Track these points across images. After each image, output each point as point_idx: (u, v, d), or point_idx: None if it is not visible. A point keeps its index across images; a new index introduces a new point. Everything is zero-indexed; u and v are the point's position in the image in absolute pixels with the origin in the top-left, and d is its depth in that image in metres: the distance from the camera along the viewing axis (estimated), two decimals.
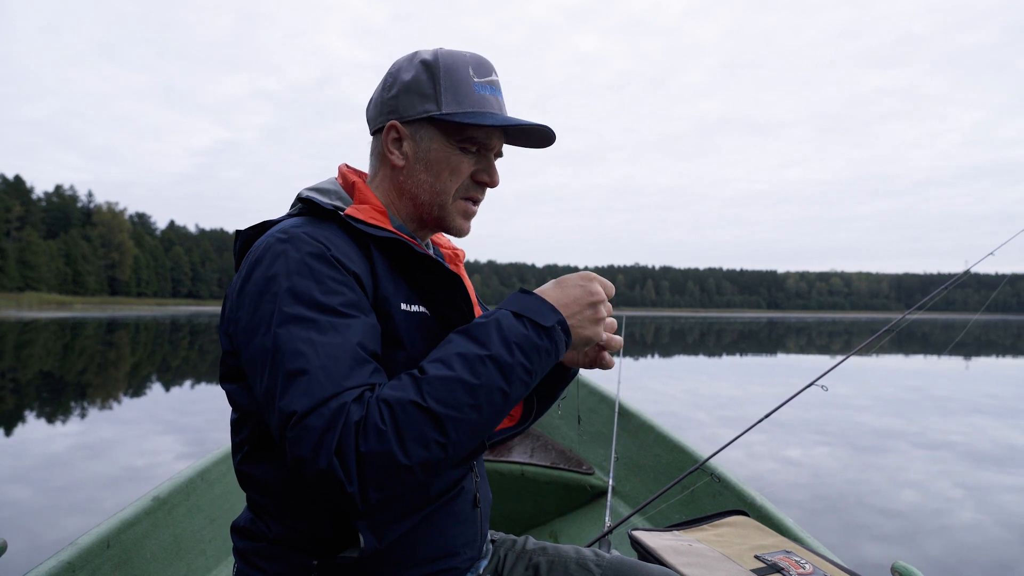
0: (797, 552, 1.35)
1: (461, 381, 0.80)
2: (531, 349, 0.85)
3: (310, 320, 0.84)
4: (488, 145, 1.02)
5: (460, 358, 0.82)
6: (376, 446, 0.76)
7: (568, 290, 0.92)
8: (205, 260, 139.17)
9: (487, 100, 1.00)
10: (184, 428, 6.45)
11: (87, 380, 10.53)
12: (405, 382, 0.81)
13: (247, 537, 1.00)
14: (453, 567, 1.02)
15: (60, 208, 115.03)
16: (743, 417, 7.77)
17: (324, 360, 0.81)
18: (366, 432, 0.76)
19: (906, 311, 1.63)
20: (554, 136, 1.04)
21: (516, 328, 0.85)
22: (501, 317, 0.86)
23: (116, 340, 21.00)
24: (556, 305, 0.90)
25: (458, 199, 1.03)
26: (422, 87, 0.99)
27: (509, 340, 0.84)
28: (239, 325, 0.90)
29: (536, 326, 0.86)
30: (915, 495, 4.69)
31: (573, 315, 0.91)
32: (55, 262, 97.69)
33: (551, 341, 0.87)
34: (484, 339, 0.84)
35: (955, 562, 3.46)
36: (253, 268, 0.90)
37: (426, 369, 0.82)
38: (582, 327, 0.92)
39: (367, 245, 0.96)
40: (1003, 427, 7.58)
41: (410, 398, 0.78)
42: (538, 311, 0.88)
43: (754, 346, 24.68)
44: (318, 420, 0.77)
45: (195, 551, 1.68)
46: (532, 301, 0.89)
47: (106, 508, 3.99)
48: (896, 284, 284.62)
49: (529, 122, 0.99)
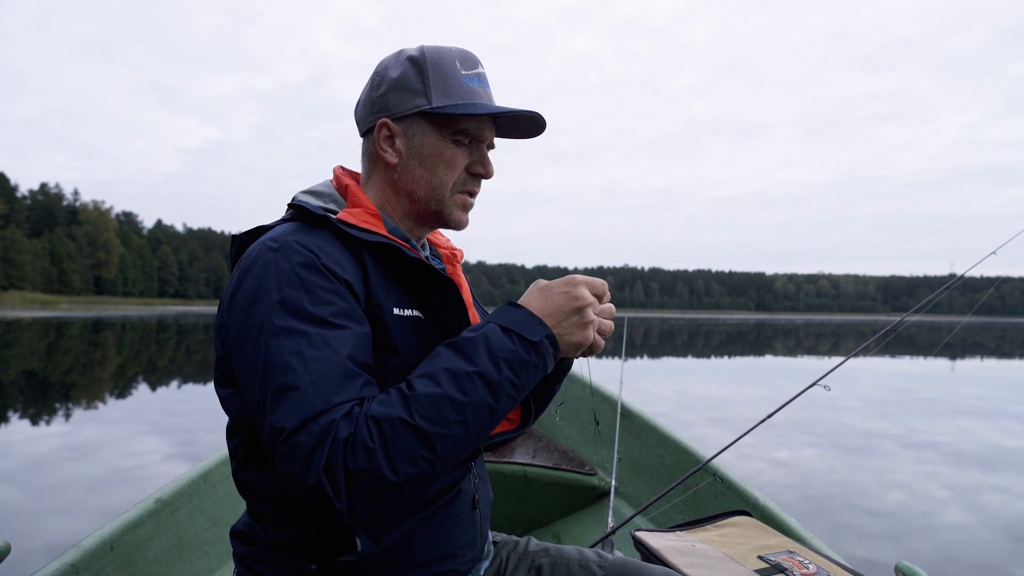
0: (800, 552, 1.35)
1: (449, 398, 0.80)
2: (519, 364, 0.85)
3: (300, 333, 0.83)
4: (480, 136, 1.02)
5: (448, 374, 0.82)
6: (364, 463, 0.76)
7: (552, 298, 0.91)
8: (193, 260, 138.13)
9: (476, 91, 1.00)
10: (171, 429, 6.38)
11: (72, 380, 10.40)
12: (393, 398, 0.81)
13: (246, 542, 1.00)
14: (453, 569, 1.01)
15: (45, 206, 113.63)
16: (732, 418, 7.81)
17: (313, 376, 0.81)
18: (354, 449, 0.77)
19: (905, 313, 1.64)
20: (544, 124, 1.04)
21: (504, 343, 0.85)
22: (489, 332, 0.86)
23: (102, 340, 20.77)
24: (542, 312, 0.90)
25: (455, 193, 1.03)
26: (411, 83, 0.98)
27: (497, 356, 0.84)
28: (230, 333, 0.90)
29: (524, 341, 0.86)
30: (902, 496, 4.73)
31: (559, 323, 0.90)
32: (40, 261, 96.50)
33: (539, 355, 0.87)
34: (472, 354, 0.84)
35: (942, 561, 3.49)
36: (244, 276, 0.90)
37: (414, 385, 0.82)
38: (569, 334, 0.91)
39: (359, 250, 0.95)
40: (988, 428, 7.66)
41: (398, 415, 0.79)
42: (526, 325, 0.87)
43: (743, 348, 24.82)
44: (307, 437, 0.77)
45: (198, 553, 1.69)
46: (520, 315, 0.89)
47: (92, 509, 3.95)
48: (883, 286, 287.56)
49: (520, 109, 1.00)
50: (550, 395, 1.11)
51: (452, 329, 0.99)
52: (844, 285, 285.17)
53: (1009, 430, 7.61)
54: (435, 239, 1.17)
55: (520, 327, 0.87)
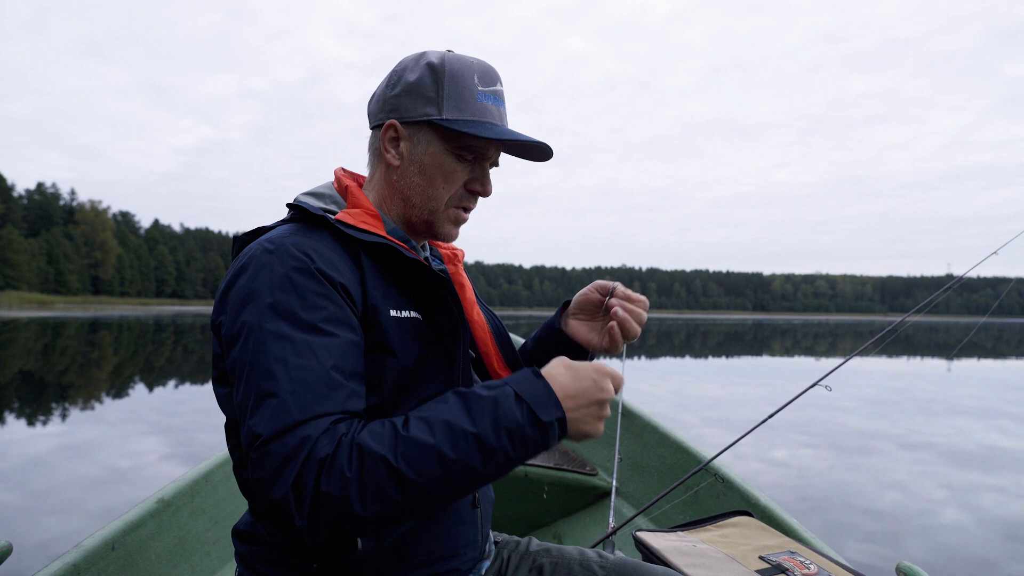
0: (802, 553, 1.35)
1: (437, 451, 0.78)
2: (519, 439, 0.81)
3: (287, 338, 0.83)
4: (485, 155, 1.01)
5: (445, 427, 0.79)
6: (336, 490, 0.75)
7: (580, 381, 0.86)
8: (190, 259, 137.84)
9: (488, 110, 0.99)
10: (169, 429, 6.36)
11: (69, 380, 10.36)
12: (386, 432, 0.79)
13: (248, 541, 1.00)
14: (454, 568, 1.02)
15: (41, 206, 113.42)
16: (729, 419, 7.82)
17: (295, 384, 0.80)
18: (330, 472, 0.76)
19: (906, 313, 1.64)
20: (551, 153, 1.03)
21: (512, 413, 0.81)
22: (501, 397, 0.82)
23: (99, 340, 20.71)
24: (563, 392, 0.85)
25: (450, 207, 1.02)
26: (425, 90, 0.98)
27: (500, 423, 0.80)
28: (222, 330, 0.90)
29: (533, 417, 0.82)
30: (899, 496, 4.74)
31: (578, 408, 0.85)
32: (36, 261, 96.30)
33: (543, 436, 0.82)
34: (477, 414, 0.80)
35: (939, 561, 3.50)
36: (237, 276, 0.90)
37: (410, 426, 0.80)
38: (584, 422, 0.86)
39: (357, 251, 0.95)
40: (984, 428, 7.68)
41: (383, 453, 0.77)
42: (542, 403, 0.83)
43: (740, 348, 24.84)
44: (280, 448, 0.77)
45: (200, 553, 1.69)
46: (539, 389, 0.84)
47: (90, 510, 3.93)
48: (880, 286, 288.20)
49: (528, 139, 0.99)
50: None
51: (449, 331, 0.99)
52: (841, 285, 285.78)
53: (1005, 430, 7.63)
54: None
55: (535, 402, 0.82)
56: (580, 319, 1.16)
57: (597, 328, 1.14)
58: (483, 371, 1.13)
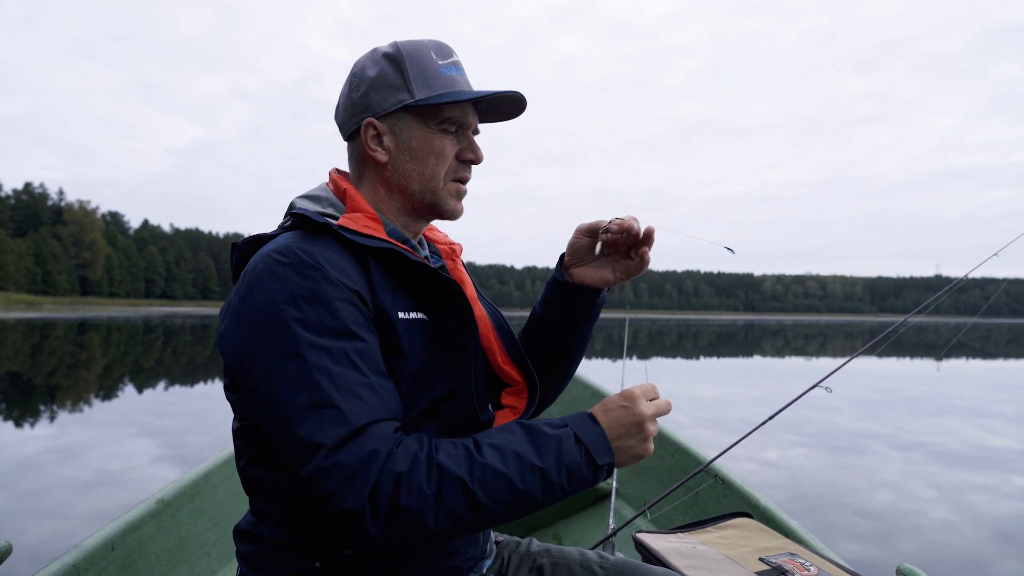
0: (801, 554, 1.35)
1: (509, 480, 0.84)
2: (576, 478, 0.88)
3: (323, 348, 0.85)
4: (466, 123, 1.03)
5: (516, 458, 0.85)
6: (415, 505, 0.80)
7: (610, 412, 0.92)
8: (180, 260, 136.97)
9: (455, 80, 1.01)
10: (159, 431, 6.31)
11: (57, 382, 10.28)
12: (460, 455, 0.84)
13: (250, 540, 1.00)
14: (456, 566, 1.02)
15: (29, 206, 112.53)
16: (721, 419, 7.85)
17: (342, 392, 0.82)
18: (409, 488, 0.80)
19: (907, 314, 1.65)
20: (525, 102, 1.04)
21: (573, 455, 0.88)
22: (564, 437, 0.88)
23: (87, 341, 20.55)
24: (608, 432, 0.91)
25: (448, 182, 1.03)
26: (390, 79, 0.99)
27: (562, 461, 0.87)
28: (237, 346, 0.89)
29: (590, 460, 0.89)
30: (890, 495, 4.77)
31: (619, 438, 0.91)
32: (23, 261, 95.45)
33: (594, 476, 0.90)
34: (544, 450, 0.87)
35: (930, 559, 3.53)
36: (252, 289, 0.89)
37: (483, 451, 0.85)
38: (630, 448, 0.92)
39: (363, 257, 0.95)
40: (974, 428, 7.75)
41: (461, 475, 0.82)
42: (599, 447, 0.89)
43: (732, 349, 24.96)
44: (349, 458, 0.79)
45: (199, 554, 1.69)
46: (596, 434, 0.90)
47: (80, 512, 3.90)
48: (870, 287, 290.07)
49: (503, 90, 1.01)
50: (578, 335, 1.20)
51: (457, 331, 0.99)
52: (832, 286, 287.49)
53: (993, 429, 7.71)
54: (432, 235, 1.17)
55: (593, 446, 0.89)
56: (581, 266, 1.15)
57: (603, 266, 1.13)
58: (486, 367, 1.12)
